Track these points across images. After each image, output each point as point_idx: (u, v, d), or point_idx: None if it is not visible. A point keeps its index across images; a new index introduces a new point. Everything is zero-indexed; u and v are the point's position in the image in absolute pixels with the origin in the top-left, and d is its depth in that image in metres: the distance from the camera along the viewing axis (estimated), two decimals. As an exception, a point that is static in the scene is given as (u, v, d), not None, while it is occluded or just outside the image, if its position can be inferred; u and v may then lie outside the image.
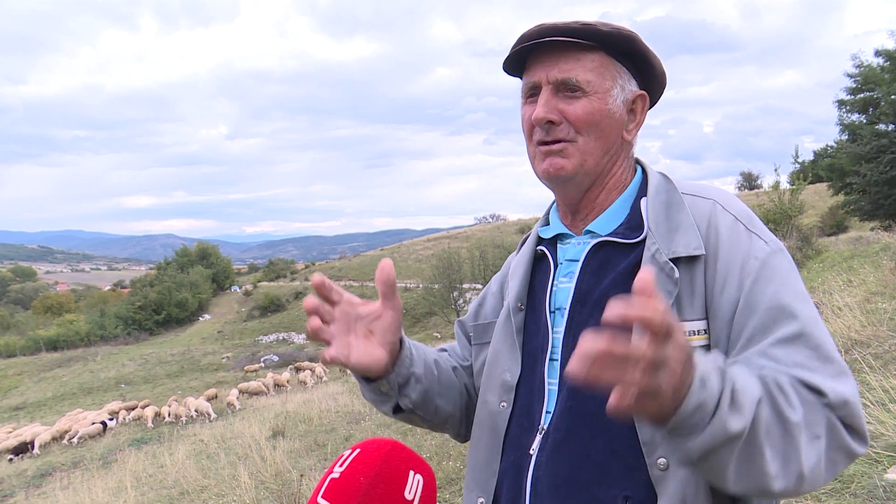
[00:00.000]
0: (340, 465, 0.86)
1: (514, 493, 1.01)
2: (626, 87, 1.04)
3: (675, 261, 0.94)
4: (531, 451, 1.00)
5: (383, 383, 1.05)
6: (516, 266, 1.17)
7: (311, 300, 0.94)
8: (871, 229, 18.83)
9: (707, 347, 0.92)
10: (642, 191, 1.07)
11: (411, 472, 0.87)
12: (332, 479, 0.85)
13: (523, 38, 1.02)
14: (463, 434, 1.24)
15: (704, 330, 0.93)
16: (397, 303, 1.01)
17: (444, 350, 1.29)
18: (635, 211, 1.04)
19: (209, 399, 21.23)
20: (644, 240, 0.99)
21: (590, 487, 0.93)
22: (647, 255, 0.96)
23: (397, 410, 1.11)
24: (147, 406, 21.49)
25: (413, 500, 0.86)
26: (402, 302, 1.05)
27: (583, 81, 1.00)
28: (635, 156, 1.13)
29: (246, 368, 31.15)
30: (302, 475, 6.20)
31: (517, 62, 1.08)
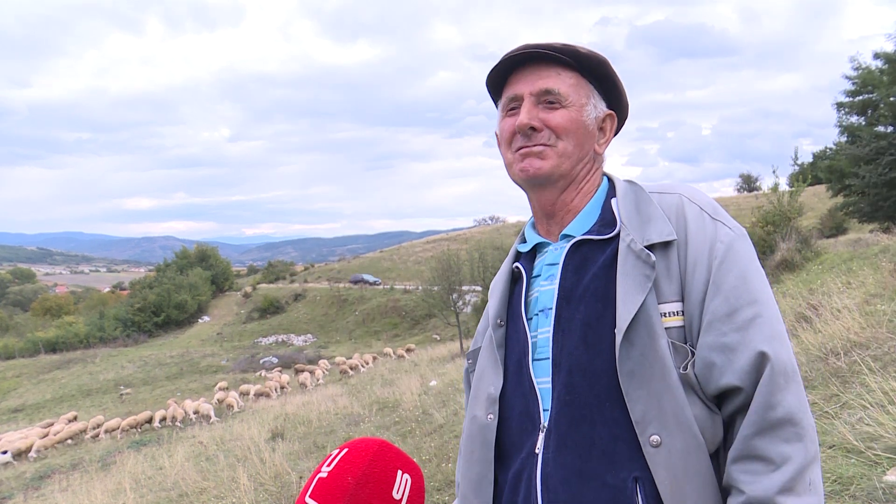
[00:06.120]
0: (328, 465, 0.86)
1: (525, 494, 1.02)
2: (597, 105, 1.15)
3: (651, 248, 1.00)
4: (536, 451, 1.02)
5: None
6: (495, 285, 1.23)
7: None
8: (871, 231, 18.82)
9: (682, 328, 0.97)
10: (611, 193, 1.15)
11: (399, 472, 0.87)
12: (319, 478, 0.85)
13: (509, 54, 1.11)
14: None
15: (680, 311, 0.98)
16: None
17: None
18: (607, 210, 1.12)
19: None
20: (618, 234, 1.06)
21: (599, 475, 0.95)
22: (622, 245, 1.03)
23: None
24: (71, 420, 21.22)
25: (401, 499, 0.85)
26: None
27: (563, 93, 1.10)
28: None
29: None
30: (301, 477, 6.19)
31: (499, 81, 1.17)
